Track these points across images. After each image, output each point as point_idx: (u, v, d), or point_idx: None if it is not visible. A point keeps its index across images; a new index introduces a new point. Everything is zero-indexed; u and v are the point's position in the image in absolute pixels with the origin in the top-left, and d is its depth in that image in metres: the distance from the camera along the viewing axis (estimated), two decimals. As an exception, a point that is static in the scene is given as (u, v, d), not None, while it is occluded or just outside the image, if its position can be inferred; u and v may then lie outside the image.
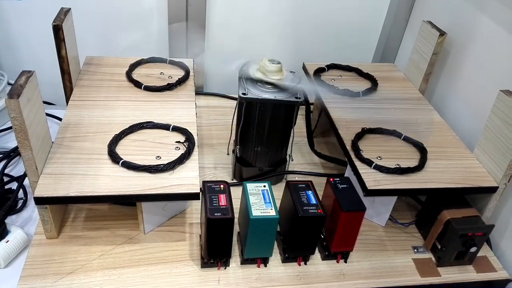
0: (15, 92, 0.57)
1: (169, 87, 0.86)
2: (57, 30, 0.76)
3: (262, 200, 0.66)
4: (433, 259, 0.75)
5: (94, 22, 1.06)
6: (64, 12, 0.80)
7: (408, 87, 0.98)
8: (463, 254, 0.73)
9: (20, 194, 0.80)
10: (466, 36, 0.92)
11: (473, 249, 0.71)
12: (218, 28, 1.10)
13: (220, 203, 0.64)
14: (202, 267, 0.69)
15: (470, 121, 0.90)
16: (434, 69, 0.97)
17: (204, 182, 0.68)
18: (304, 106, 0.92)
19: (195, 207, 0.80)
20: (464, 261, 0.74)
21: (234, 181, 0.87)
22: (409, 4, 1.12)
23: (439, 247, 0.73)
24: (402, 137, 0.81)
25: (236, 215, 0.71)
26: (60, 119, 0.97)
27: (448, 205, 0.73)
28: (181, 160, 0.69)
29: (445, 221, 0.71)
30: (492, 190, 0.74)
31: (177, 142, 0.74)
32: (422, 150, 0.78)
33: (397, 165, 0.74)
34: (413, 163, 0.75)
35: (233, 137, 0.85)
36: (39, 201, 0.63)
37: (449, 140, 0.83)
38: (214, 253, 0.67)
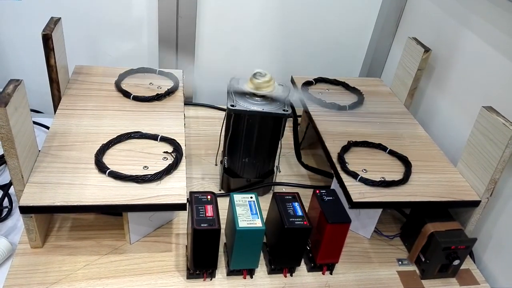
0: (2, 100, 0.57)
1: (158, 97, 0.87)
2: (47, 40, 0.76)
3: (248, 211, 0.66)
4: (417, 271, 0.76)
5: (84, 31, 1.06)
6: (54, 22, 0.80)
7: (394, 102, 1.00)
8: (447, 267, 0.74)
9: (6, 202, 0.79)
10: (451, 52, 0.94)
11: (456, 262, 0.72)
12: (208, 40, 1.11)
13: (207, 214, 0.64)
14: (188, 278, 0.69)
15: (454, 136, 0.92)
16: (419, 84, 0.99)
17: (191, 193, 0.68)
18: (292, 118, 0.93)
19: (182, 217, 0.80)
20: (447, 273, 0.75)
21: (222, 191, 0.87)
22: (395, 21, 1.14)
23: (423, 259, 0.74)
24: (387, 151, 0.82)
25: (223, 226, 0.71)
26: (47, 127, 0.97)
27: (432, 218, 0.75)
28: (169, 170, 0.69)
29: (429, 234, 0.72)
30: (475, 204, 0.76)
31: (165, 152, 0.74)
32: (407, 164, 0.79)
33: (382, 178, 0.75)
34: (398, 176, 0.76)
35: (221, 148, 0.85)
36: (24, 210, 0.63)
37: (433, 154, 0.85)
38: (200, 264, 0.67)
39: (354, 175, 0.75)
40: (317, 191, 0.72)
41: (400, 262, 0.77)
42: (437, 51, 0.97)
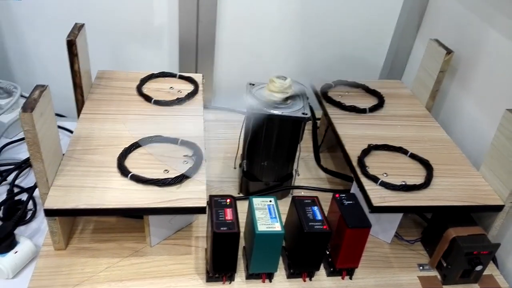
0: (29, 105, 0.59)
1: (178, 101, 0.88)
2: (71, 45, 0.78)
3: (268, 215, 0.66)
4: (439, 277, 0.75)
5: (107, 36, 1.08)
6: (78, 28, 0.82)
7: (415, 104, 0.99)
8: (469, 272, 0.72)
9: (30, 205, 0.81)
10: (474, 53, 0.93)
11: (478, 268, 0.71)
12: (228, 44, 1.12)
13: (226, 218, 0.65)
14: (207, 281, 0.69)
15: (477, 139, 0.90)
16: (441, 86, 0.97)
17: (210, 196, 0.68)
18: (311, 122, 0.92)
19: (202, 220, 0.80)
20: (470, 279, 0.74)
21: (241, 195, 0.87)
22: (417, 21, 1.13)
23: (445, 265, 0.73)
24: (408, 154, 0.82)
25: (242, 230, 0.72)
26: (70, 131, 0.99)
27: (454, 223, 0.73)
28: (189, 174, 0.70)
29: (451, 239, 0.71)
30: (498, 208, 0.74)
31: (185, 156, 0.75)
32: (428, 168, 0.78)
33: (403, 182, 0.74)
34: (419, 180, 0.75)
35: (240, 152, 0.86)
36: (49, 213, 0.64)
37: (455, 158, 0.83)
38: (220, 267, 0.67)
39: (374, 179, 0.74)
40: (337, 195, 0.72)
41: (421, 267, 0.76)
42: (460, 51, 0.95)
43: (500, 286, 0.75)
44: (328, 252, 0.73)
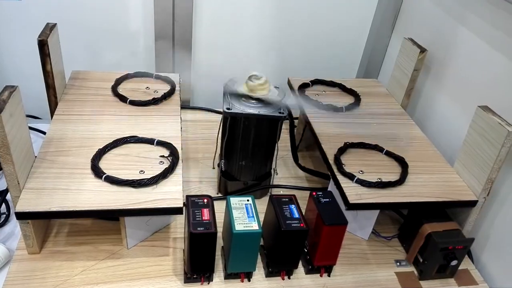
0: (-3, 107, 0.57)
1: (155, 101, 0.87)
2: (42, 45, 0.76)
3: (245, 215, 0.66)
4: (416, 272, 0.76)
5: (81, 36, 1.06)
6: (50, 28, 0.81)
7: (391, 102, 1.00)
8: (445, 267, 0.74)
9: (3, 208, 0.79)
10: (447, 52, 0.95)
11: (454, 262, 0.72)
12: (205, 43, 1.12)
13: (204, 218, 0.64)
14: (185, 282, 0.69)
15: (451, 136, 0.92)
16: (416, 84, 0.99)
17: (187, 197, 0.68)
18: (288, 121, 0.93)
19: (179, 221, 0.80)
20: (446, 274, 0.75)
21: (219, 195, 0.87)
22: (391, 21, 1.15)
23: (421, 260, 0.74)
24: (383, 152, 0.83)
25: (220, 229, 0.71)
26: (44, 133, 0.97)
27: (429, 218, 0.74)
28: (165, 174, 0.70)
29: (426, 234, 0.72)
30: (472, 204, 0.76)
31: (161, 156, 0.74)
32: (403, 165, 0.79)
33: (379, 179, 0.75)
34: (395, 177, 0.76)
35: (219, 151, 0.85)
36: (21, 216, 0.63)
37: (430, 155, 0.85)
38: (197, 268, 0.67)
39: (350, 176, 0.75)
40: (314, 193, 0.72)
41: (398, 263, 0.77)
42: (434, 50, 0.97)
43: (475, 280, 0.76)
44: (306, 250, 0.73)
